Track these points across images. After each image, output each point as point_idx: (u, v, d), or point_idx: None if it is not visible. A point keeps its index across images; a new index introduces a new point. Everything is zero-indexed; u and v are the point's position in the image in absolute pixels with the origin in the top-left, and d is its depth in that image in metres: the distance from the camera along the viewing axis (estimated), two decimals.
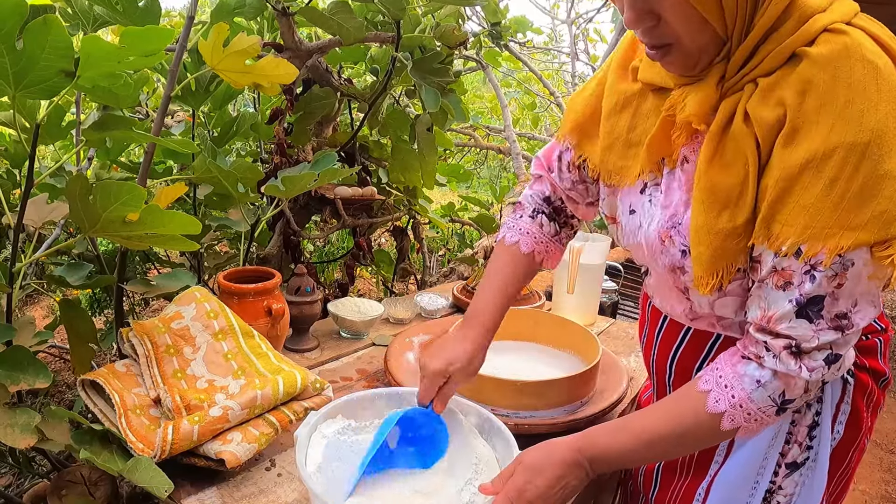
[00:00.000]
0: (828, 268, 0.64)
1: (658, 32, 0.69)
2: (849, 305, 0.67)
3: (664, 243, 0.78)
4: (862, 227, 0.63)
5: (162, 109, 1.17)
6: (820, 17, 0.66)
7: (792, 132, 0.65)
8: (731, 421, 0.72)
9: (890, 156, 0.61)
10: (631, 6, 0.68)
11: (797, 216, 0.65)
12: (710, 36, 0.68)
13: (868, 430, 0.85)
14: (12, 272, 0.99)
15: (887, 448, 2.70)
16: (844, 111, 0.62)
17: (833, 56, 0.63)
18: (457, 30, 1.64)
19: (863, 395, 0.83)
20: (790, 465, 0.82)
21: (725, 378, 0.73)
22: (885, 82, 0.62)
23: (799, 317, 0.67)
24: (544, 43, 5.19)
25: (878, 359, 0.84)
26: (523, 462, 0.77)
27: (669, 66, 0.74)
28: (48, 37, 0.78)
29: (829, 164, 0.62)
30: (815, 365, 0.68)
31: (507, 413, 1.06)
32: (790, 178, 0.65)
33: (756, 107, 0.67)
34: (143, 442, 0.90)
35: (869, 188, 0.62)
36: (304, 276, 1.41)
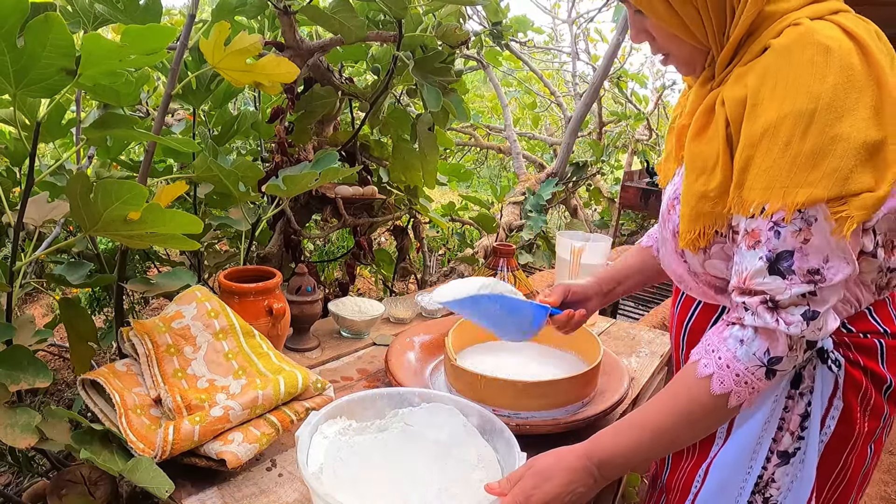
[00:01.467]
0: (790, 223, 0.71)
1: (654, 46, 0.86)
2: (820, 261, 0.72)
3: (670, 212, 0.89)
4: (815, 183, 0.69)
5: (163, 108, 1.17)
6: (790, 16, 0.75)
7: (752, 108, 0.73)
8: (720, 383, 0.76)
9: (840, 121, 0.68)
10: (631, 26, 0.86)
11: (759, 179, 0.72)
12: (689, 48, 0.82)
13: (864, 434, 0.85)
14: (12, 271, 0.98)
15: (887, 449, 2.70)
16: (793, 84, 0.70)
17: (788, 43, 0.72)
18: (458, 29, 1.64)
19: (856, 394, 0.83)
20: (782, 455, 0.84)
21: (712, 344, 0.79)
22: (835, 59, 0.69)
23: (771, 273, 0.73)
24: (545, 42, 5.18)
25: (879, 363, 0.84)
26: (533, 467, 0.78)
27: (677, 69, 0.89)
28: (49, 35, 0.78)
29: (783, 130, 0.70)
30: (792, 319, 0.73)
31: (508, 414, 1.06)
32: (752, 146, 0.73)
33: (727, 90, 0.78)
34: (144, 442, 0.89)
35: (820, 149, 0.68)
36: (304, 275, 1.40)
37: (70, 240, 1.21)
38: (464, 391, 1.10)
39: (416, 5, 1.62)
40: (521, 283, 1.74)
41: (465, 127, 4.07)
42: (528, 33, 3.28)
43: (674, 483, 0.96)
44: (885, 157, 0.69)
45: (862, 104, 0.68)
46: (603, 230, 4.35)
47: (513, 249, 1.78)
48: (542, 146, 5.02)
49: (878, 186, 0.69)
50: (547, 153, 4.81)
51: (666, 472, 0.99)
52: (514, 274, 1.74)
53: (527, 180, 3.16)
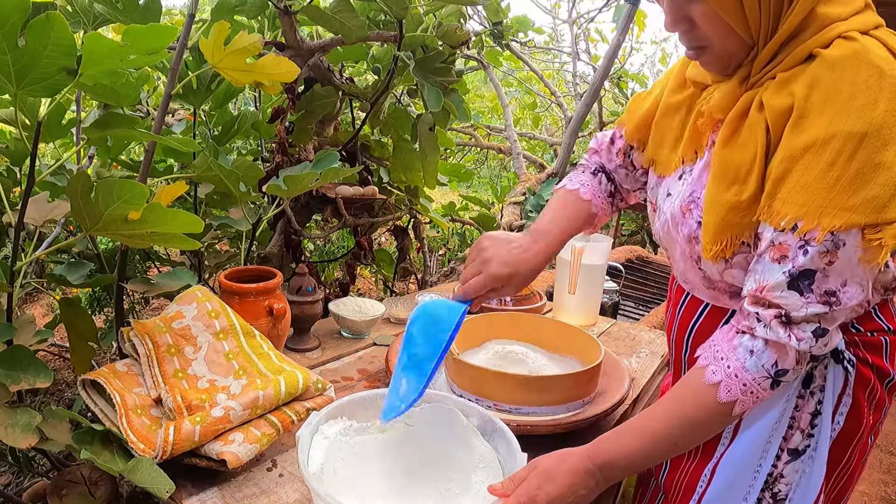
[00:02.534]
0: (820, 244, 0.70)
1: (692, 36, 0.78)
2: (838, 284, 0.72)
3: (685, 215, 0.86)
4: (854, 209, 0.68)
5: (163, 108, 1.17)
6: (839, 25, 0.72)
7: (798, 119, 0.71)
8: (727, 392, 0.76)
9: (886, 149, 0.67)
10: (668, 12, 0.77)
11: (796, 194, 0.71)
12: (737, 41, 0.76)
13: (869, 427, 0.87)
14: (13, 270, 0.98)
15: (887, 449, 2.70)
16: (846, 104, 0.68)
17: (842, 58, 0.70)
18: (459, 29, 1.64)
19: (864, 390, 0.85)
20: (792, 452, 0.84)
21: (721, 351, 0.79)
22: (888, 84, 0.67)
23: (790, 288, 0.72)
24: (545, 42, 5.18)
25: (884, 358, 0.86)
26: (537, 468, 0.78)
27: (706, 66, 0.82)
28: (51, 34, 0.78)
29: (829, 149, 0.68)
30: (803, 335, 0.73)
31: (508, 409, 1.06)
32: (793, 159, 0.71)
33: (770, 96, 0.74)
34: (144, 442, 0.89)
35: (863, 175, 0.68)
36: (305, 275, 1.40)
37: (70, 240, 1.21)
38: (465, 386, 1.10)
39: (416, 5, 1.62)
40: None
41: (465, 127, 4.07)
42: (529, 33, 3.27)
43: (674, 484, 0.95)
44: None
45: None
46: (603, 230, 4.35)
47: None
48: (542, 146, 5.02)
49: None
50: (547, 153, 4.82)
51: (664, 474, 0.99)
52: None
53: (527, 180, 3.16)
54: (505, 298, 1.69)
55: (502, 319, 1.33)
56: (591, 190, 1.08)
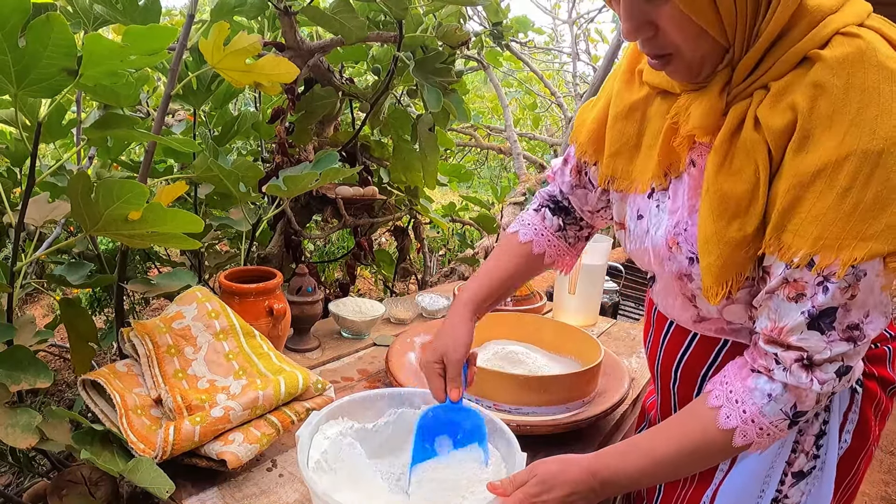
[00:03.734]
0: (841, 279, 0.63)
1: (657, 42, 0.68)
2: (860, 316, 0.66)
3: (671, 250, 0.77)
4: (876, 237, 0.61)
5: (163, 108, 1.17)
6: (832, 19, 0.64)
7: (803, 138, 0.63)
8: (743, 437, 0.71)
9: None
10: (628, 17, 0.67)
11: (809, 226, 0.63)
12: (709, 44, 0.66)
13: (876, 438, 0.85)
14: (13, 271, 0.98)
15: (887, 449, 2.70)
16: (857, 117, 0.60)
17: (846, 60, 0.62)
18: (458, 29, 1.64)
19: (871, 404, 0.82)
20: (797, 475, 0.81)
21: (736, 393, 0.73)
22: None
23: (811, 328, 0.66)
24: (545, 43, 5.18)
25: (887, 367, 0.83)
26: (537, 475, 0.76)
27: (673, 75, 0.72)
28: (51, 35, 0.78)
29: (842, 173, 0.61)
30: (826, 378, 0.68)
31: (508, 409, 1.06)
32: (802, 187, 0.63)
33: (766, 112, 0.66)
34: (145, 442, 0.89)
35: (883, 198, 0.60)
36: (305, 275, 1.40)
37: (70, 240, 1.21)
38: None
39: (416, 6, 1.62)
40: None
41: (465, 127, 4.07)
42: (529, 34, 3.28)
43: None
44: None
45: None
46: (603, 230, 4.35)
47: None
48: (542, 147, 5.02)
49: None
50: (547, 153, 4.81)
51: (657, 499, 0.95)
52: None
53: (527, 181, 3.16)
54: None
55: (502, 319, 1.33)
56: (531, 231, 1.00)
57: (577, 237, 1.04)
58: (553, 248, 1.01)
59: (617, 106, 0.85)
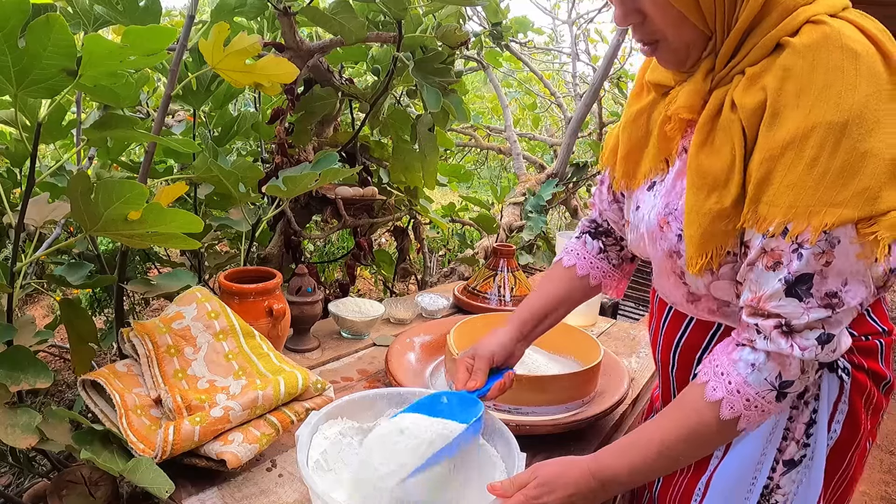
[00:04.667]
0: (814, 245, 0.66)
1: (645, 29, 0.74)
2: (838, 284, 0.68)
3: (662, 229, 0.81)
4: (845, 203, 0.64)
5: (163, 109, 1.17)
6: (805, 10, 0.68)
7: (773, 115, 0.67)
8: (730, 408, 0.73)
9: (871, 135, 0.63)
10: (619, 4, 0.73)
11: (782, 196, 0.67)
12: (691, 31, 0.72)
13: (868, 432, 0.85)
14: (13, 271, 0.98)
15: (887, 449, 2.70)
16: (822, 93, 0.64)
17: (812, 44, 0.66)
18: (458, 30, 1.64)
19: (861, 396, 0.83)
20: (787, 463, 0.82)
21: (721, 366, 0.75)
22: (865, 66, 0.64)
23: (788, 295, 0.69)
24: (545, 43, 5.18)
25: (879, 361, 0.84)
26: (539, 476, 0.77)
27: (662, 62, 0.78)
28: (51, 35, 0.78)
29: (810, 143, 0.64)
30: (806, 344, 0.69)
31: (508, 408, 1.06)
32: (773, 159, 0.67)
33: (741, 94, 0.70)
34: (144, 442, 0.89)
35: (850, 166, 0.63)
36: (304, 276, 1.41)
37: (70, 240, 1.21)
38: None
39: (415, 6, 1.62)
40: (521, 284, 1.74)
41: (465, 128, 4.07)
42: (528, 34, 3.28)
43: (668, 498, 0.94)
44: None
45: (891, 116, 0.64)
46: None
47: (513, 250, 1.78)
48: (542, 147, 5.02)
49: None
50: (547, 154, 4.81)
51: (657, 487, 0.97)
52: (514, 274, 1.75)
53: (527, 181, 3.16)
54: (504, 298, 1.70)
55: (502, 320, 1.33)
56: (574, 256, 1.05)
57: (620, 258, 1.07)
58: (597, 269, 1.05)
59: (627, 115, 0.91)
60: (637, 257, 1.07)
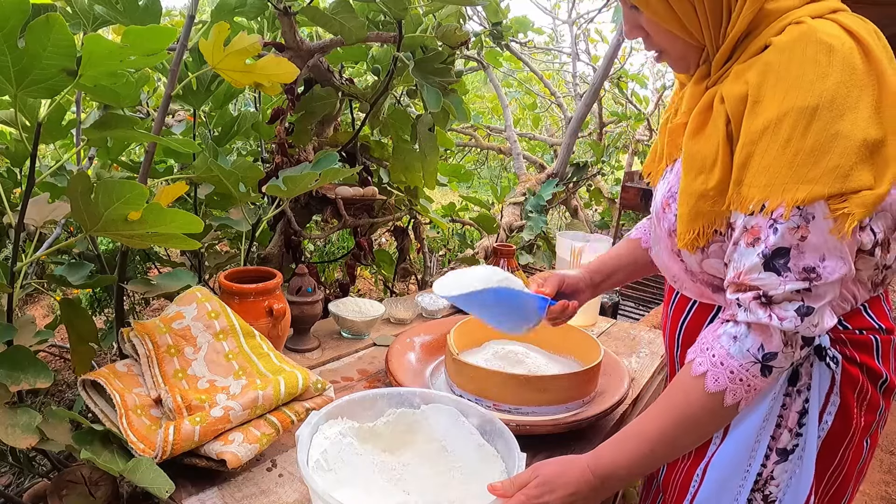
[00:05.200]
0: (788, 220, 0.71)
1: (649, 42, 0.85)
2: (816, 260, 0.72)
3: (664, 210, 0.88)
4: (816, 180, 0.69)
5: (163, 108, 1.17)
6: (790, 14, 0.75)
7: (753, 105, 0.73)
8: (714, 381, 0.77)
9: (842, 118, 0.68)
10: (625, 22, 0.85)
11: (760, 176, 0.72)
12: (684, 45, 0.82)
13: (860, 429, 0.85)
14: (13, 271, 0.98)
15: (887, 449, 2.70)
16: (796, 81, 0.70)
17: (790, 41, 0.72)
18: (458, 30, 1.64)
19: (853, 390, 0.83)
20: (781, 452, 0.84)
21: (706, 342, 0.80)
22: (837, 58, 0.69)
23: (766, 269, 0.73)
24: (545, 43, 5.18)
25: (874, 358, 0.84)
26: (539, 476, 0.79)
27: (671, 67, 0.89)
28: (50, 35, 0.78)
29: (783, 126, 0.70)
30: (785, 314, 0.73)
31: (509, 409, 1.06)
32: (752, 143, 0.73)
33: (727, 88, 0.77)
34: (144, 442, 0.89)
35: (821, 145, 0.68)
36: (305, 276, 1.40)
37: (70, 240, 1.21)
38: (465, 386, 1.10)
39: (416, 6, 1.62)
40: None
41: (465, 128, 4.07)
42: (529, 34, 3.28)
43: (671, 483, 0.95)
44: (885, 155, 0.70)
45: (863, 102, 0.68)
46: (603, 230, 4.35)
47: (513, 250, 1.78)
48: (542, 147, 5.02)
49: (878, 184, 0.69)
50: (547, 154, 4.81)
51: (662, 472, 0.99)
52: (515, 274, 1.75)
53: (527, 181, 3.16)
54: None
55: None
56: (642, 230, 1.14)
57: None
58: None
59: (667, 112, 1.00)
60: None
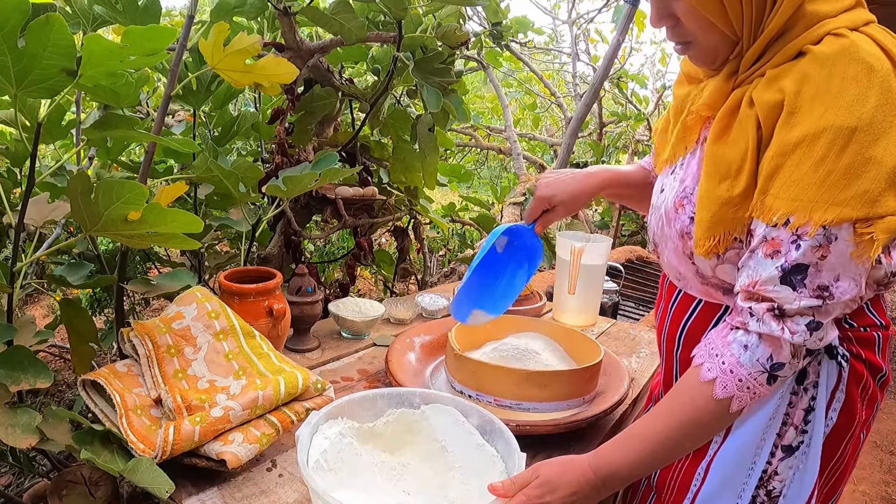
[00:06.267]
0: (812, 238, 0.71)
1: (678, 31, 0.81)
2: (831, 279, 0.72)
3: (677, 211, 0.87)
4: (846, 203, 0.69)
5: (163, 109, 1.17)
6: (828, 22, 0.73)
7: (789, 115, 0.72)
8: (723, 388, 0.76)
9: (876, 143, 0.68)
10: (654, 7, 0.80)
11: (788, 189, 0.71)
12: (720, 36, 0.78)
13: (862, 422, 0.87)
14: (13, 271, 0.98)
15: (887, 449, 2.70)
16: (836, 100, 0.69)
17: (832, 54, 0.70)
18: (458, 30, 1.64)
19: (858, 385, 0.85)
20: (786, 449, 0.84)
21: (716, 348, 0.79)
22: (878, 80, 0.68)
23: (783, 282, 0.73)
24: (545, 43, 5.18)
25: (876, 353, 0.86)
26: (540, 476, 0.78)
27: (693, 60, 0.85)
28: (50, 35, 0.78)
29: (819, 144, 0.69)
30: (797, 328, 0.73)
31: (509, 404, 1.06)
32: (784, 155, 0.72)
33: (760, 93, 0.75)
34: (144, 442, 0.89)
35: (854, 169, 0.68)
36: (305, 276, 1.40)
37: (70, 240, 1.21)
38: (466, 381, 1.10)
39: (416, 6, 1.62)
40: None
41: (465, 128, 4.07)
42: (529, 34, 3.28)
43: (667, 483, 0.95)
44: None
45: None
46: (603, 231, 4.36)
47: None
48: (542, 147, 5.02)
49: None
50: (547, 154, 4.82)
51: (656, 473, 0.98)
52: None
53: (527, 181, 3.16)
54: None
55: (502, 321, 1.32)
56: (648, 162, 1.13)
57: None
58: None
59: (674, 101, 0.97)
60: None
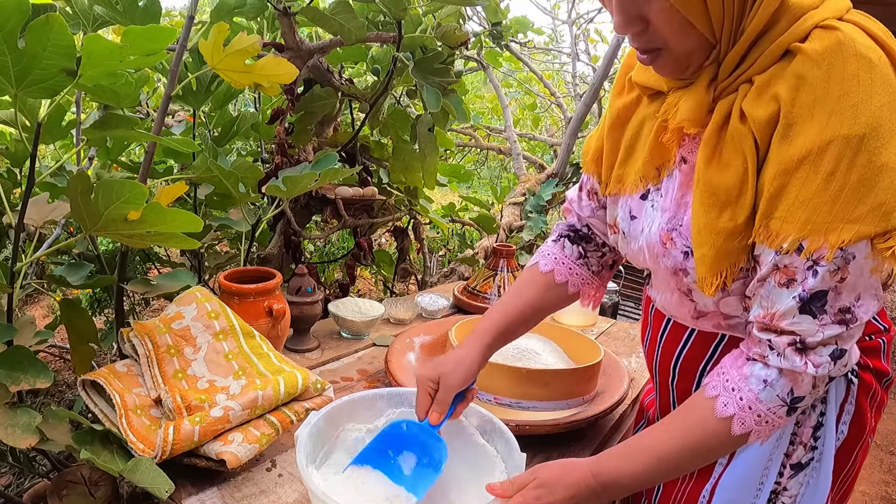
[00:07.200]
0: (830, 262, 0.64)
1: (647, 37, 0.70)
2: (852, 300, 0.66)
3: (666, 245, 0.78)
4: (862, 219, 0.62)
5: (162, 109, 1.17)
6: (812, 14, 0.66)
7: (787, 127, 0.65)
8: (741, 425, 0.71)
9: (886, 147, 0.61)
10: (619, 11, 0.69)
11: (796, 211, 0.65)
12: (697, 40, 0.68)
13: (872, 429, 0.85)
14: (13, 271, 0.98)
15: (887, 449, 2.70)
16: (838, 105, 0.62)
17: (826, 51, 0.63)
18: (458, 30, 1.64)
19: (867, 395, 0.83)
20: (795, 466, 0.82)
21: (732, 381, 0.73)
22: (879, 75, 0.62)
23: (802, 312, 0.67)
24: (545, 43, 5.18)
25: (882, 359, 0.84)
26: (538, 478, 0.76)
27: (661, 70, 0.74)
28: (50, 35, 0.78)
29: (826, 158, 0.62)
30: (820, 360, 0.68)
31: (509, 402, 1.06)
32: (787, 173, 0.65)
33: (751, 104, 0.68)
34: (144, 442, 0.89)
35: (867, 180, 0.62)
36: (304, 276, 1.41)
37: (70, 240, 1.21)
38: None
39: (415, 6, 1.62)
40: None
41: (465, 128, 4.07)
42: (528, 34, 3.28)
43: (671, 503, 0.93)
44: None
45: None
46: None
47: (513, 250, 1.78)
48: (542, 147, 5.02)
49: None
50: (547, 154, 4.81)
51: (657, 495, 0.95)
52: (514, 274, 1.75)
53: (527, 181, 3.16)
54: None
55: None
56: (551, 260, 0.98)
57: (600, 265, 1.01)
58: (576, 276, 0.99)
59: (611, 116, 0.87)
60: (616, 264, 1.03)
